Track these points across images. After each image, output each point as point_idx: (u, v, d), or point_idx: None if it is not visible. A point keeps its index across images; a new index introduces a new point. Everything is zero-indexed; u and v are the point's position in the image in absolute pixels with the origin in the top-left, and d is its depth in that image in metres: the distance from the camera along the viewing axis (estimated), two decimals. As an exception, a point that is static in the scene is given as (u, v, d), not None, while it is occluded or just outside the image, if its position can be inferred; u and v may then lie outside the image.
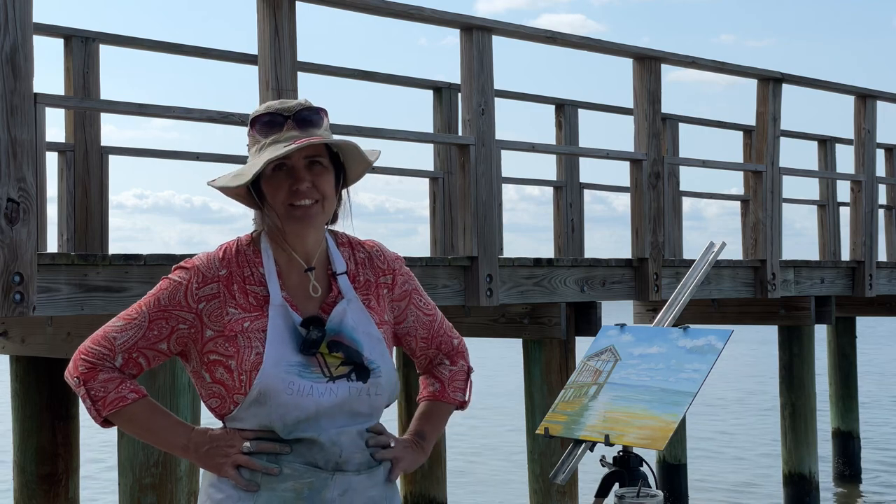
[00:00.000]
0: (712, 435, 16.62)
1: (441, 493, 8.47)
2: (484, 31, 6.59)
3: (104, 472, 12.81)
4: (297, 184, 2.44)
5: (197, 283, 2.46)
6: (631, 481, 2.90)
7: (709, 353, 2.98)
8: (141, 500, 5.06)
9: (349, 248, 2.60)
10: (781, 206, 8.84)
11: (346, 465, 2.44)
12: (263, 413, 2.41)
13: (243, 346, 2.42)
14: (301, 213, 2.45)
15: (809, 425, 9.56)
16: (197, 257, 2.51)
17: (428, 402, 2.70)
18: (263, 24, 5.63)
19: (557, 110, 9.85)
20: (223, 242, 2.56)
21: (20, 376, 6.35)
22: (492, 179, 6.66)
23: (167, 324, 2.46)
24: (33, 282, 4.55)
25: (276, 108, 2.48)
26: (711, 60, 8.35)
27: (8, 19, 4.50)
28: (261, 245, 2.52)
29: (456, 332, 2.75)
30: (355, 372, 2.45)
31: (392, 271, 2.62)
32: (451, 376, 2.71)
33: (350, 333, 2.47)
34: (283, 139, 2.44)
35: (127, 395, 2.45)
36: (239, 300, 2.46)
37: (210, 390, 2.46)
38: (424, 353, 2.70)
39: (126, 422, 2.47)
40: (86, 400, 2.45)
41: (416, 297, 2.65)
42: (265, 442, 2.43)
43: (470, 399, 2.75)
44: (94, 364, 2.46)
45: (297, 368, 2.42)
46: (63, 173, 6.92)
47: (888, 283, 10.33)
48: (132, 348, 2.46)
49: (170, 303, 2.46)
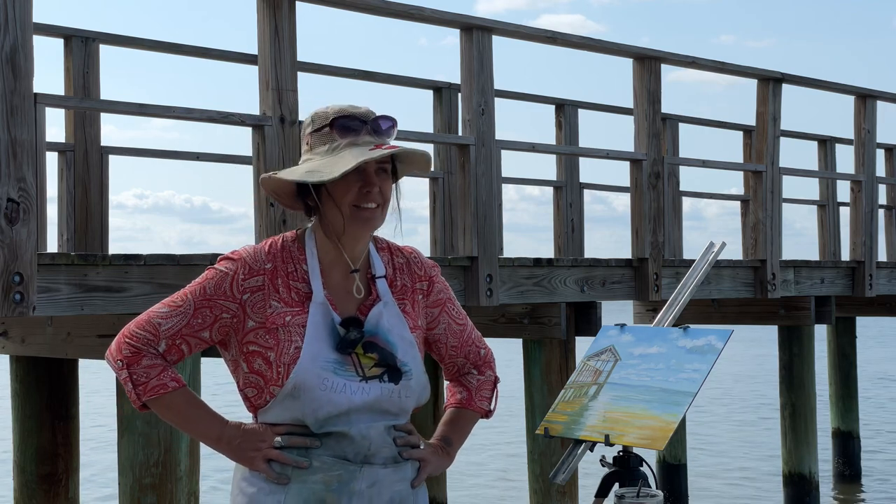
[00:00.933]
0: (712, 435, 16.62)
1: (441, 493, 8.47)
2: (484, 31, 6.59)
3: (104, 472, 12.81)
4: (369, 187, 2.53)
5: (243, 275, 2.53)
6: (631, 481, 2.90)
7: (709, 353, 2.98)
8: (141, 500, 5.06)
9: (388, 252, 2.69)
10: (781, 206, 8.84)
11: (374, 458, 2.53)
12: (296, 407, 2.49)
13: (283, 339, 2.49)
14: (367, 216, 2.54)
15: (809, 425, 9.56)
16: (243, 249, 2.58)
17: (455, 410, 2.79)
18: (263, 24, 5.63)
19: (557, 110, 9.85)
20: (269, 238, 2.64)
21: (20, 376, 6.35)
22: (492, 179, 6.66)
23: (211, 312, 2.52)
24: (33, 282, 4.55)
25: (353, 112, 2.56)
26: (711, 60, 8.35)
27: (8, 19, 4.50)
28: (305, 243, 2.59)
29: (484, 343, 2.83)
30: (388, 373, 2.54)
31: (428, 278, 2.71)
32: (478, 385, 2.79)
33: (385, 335, 2.56)
34: (360, 143, 2.53)
35: (168, 383, 2.51)
36: (282, 294, 2.53)
37: (248, 380, 2.53)
38: (453, 361, 2.79)
39: (163, 408, 2.53)
40: (127, 383, 2.51)
41: (450, 306, 2.75)
42: (295, 437, 2.51)
43: (495, 408, 2.83)
44: (138, 349, 2.51)
45: (332, 365, 2.50)
46: (63, 173, 6.92)
47: (888, 283, 10.32)
48: (176, 335, 2.52)
49: (215, 292, 2.52)
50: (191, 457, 5.14)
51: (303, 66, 7.06)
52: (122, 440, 5.13)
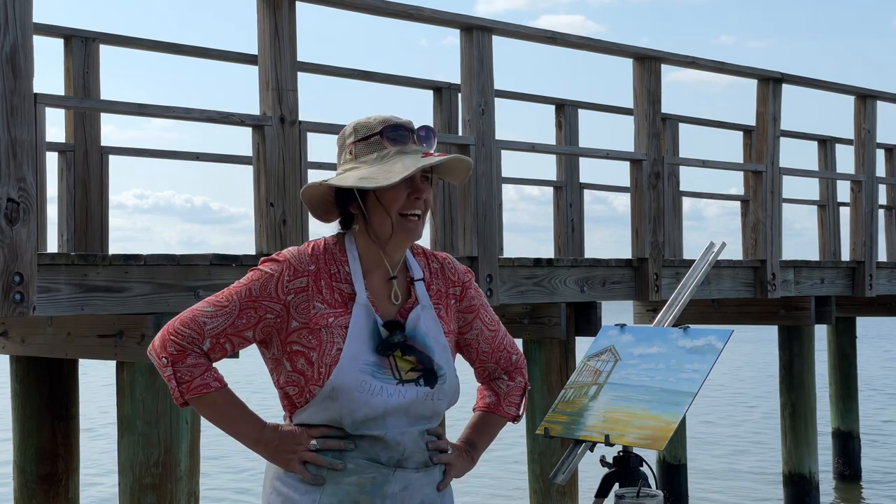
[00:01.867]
0: (712, 435, 16.62)
1: (441, 493, 8.47)
2: (484, 31, 6.59)
3: (104, 472, 12.81)
4: (418, 194, 2.59)
5: (288, 276, 2.57)
6: (631, 481, 2.90)
7: (709, 353, 2.98)
8: (141, 500, 5.06)
9: (424, 257, 2.76)
10: (781, 206, 8.84)
11: (406, 462, 2.59)
12: (334, 408, 2.53)
13: (325, 339, 2.54)
14: (413, 225, 2.60)
15: (809, 425, 9.56)
16: (287, 251, 2.62)
17: (482, 413, 2.85)
18: (263, 24, 5.63)
19: (557, 110, 9.85)
20: (311, 240, 2.69)
21: (20, 376, 6.35)
22: (492, 179, 6.66)
23: (256, 313, 2.56)
24: (33, 282, 4.55)
25: (400, 122, 2.62)
26: (711, 60, 8.35)
27: (8, 19, 4.50)
28: (346, 246, 2.64)
29: (516, 348, 2.87)
30: (424, 377, 2.59)
31: (462, 283, 2.76)
32: (508, 391, 2.84)
33: (423, 339, 2.62)
34: (410, 151, 2.60)
35: (211, 383, 2.55)
36: (325, 295, 2.58)
37: (289, 378, 2.58)
38: (483, 366, 2.84)
39: (205, 407, 2.58)
40: (171, 381, 2.54)
41: (483, 312, 2.79)
42: (331, 439, 2.55)
43: (523, 414, 2.88)
44: (183, 346, 2.54)
45: (371, 368, 2.55)
46: (63, 173, 6.92)
47: (888, 283, 10.33)
48: (220, 334, 2.56)
49: (261, 293, 2.56)
50: (191, 457, 5.14)
51: (303, 66, 7.06)
52: (122, 440, 5.13)
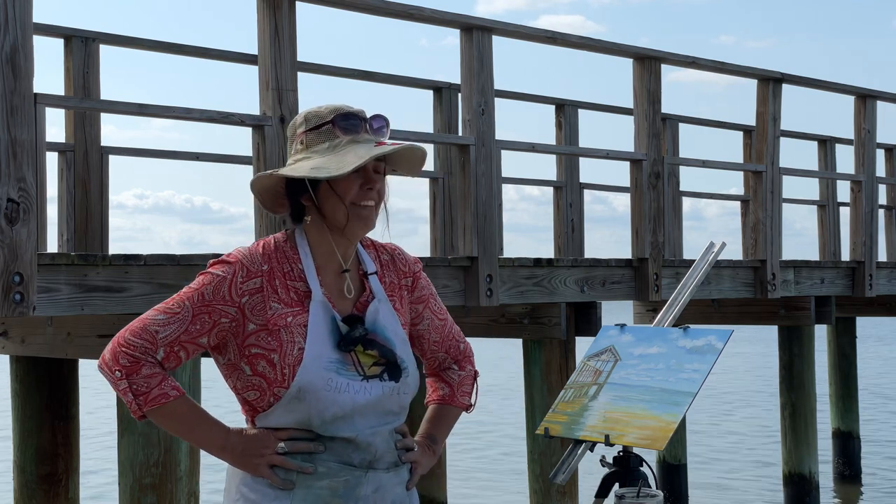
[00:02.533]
0: (712, 435, 16.62)
1: (441, 494, 8.47)
2: (484, 31, 6.59)
3: (104, 473, 12.81)
4: (371, 184, 2.53)
5: (241, 278, 2.50)
6: (631, 481, 2.90)
7: (709, 353, 2.98)
8: (141, 500, 5.06)
9: (374, 249, 2.70)
10: (781, 206, 8.84)
11: (378, 463, 2.53)
12: (302, 409, 2.47)
13: (286, 340, 2.48)
14: (367, 214, 2.54)
15: (809, 425, 9.56)
16: (237, 251, 2.55)
17: (438, 406, 2.79)
18: (263, 24, 5.63)
19: (557, 110, 9.84)
20: (260, 239, 2.61)
21: (20, 376, 6.35)
22: (492, 179, 6.66)
23: (210, 318, 2.49)
24: (33, 282, 4.55)
25: (352, 111, 2.56)
26: (711, 60, 8.35)
27: (8, 19, 4.50)
28: (297, 243, 2.58)
29: (463, 337, 2.83)
30: (388, 371, 2.54)
31: (413, 274, 2.71)
32: (459, 381, 2.80)
33: (383, 332, 2.56)
34: (362, 140, 2.54)
35: (169, 393, 2.48)
36: (281, 295, 2.51)
37: (249, 383, 2.51)
38: (434, 356, 2.79)
39: (165, 417, 2.50)
40: (127, 394, 2.46)
41: (433, 302, 2.75)
42: (300, 442, 2.49)
43: (476, 402, 2.83)
44: (136, 357, 2.46)
45: (335, 365, 2.49)
46: (63, 173, 6.91)
47: (888, 283, 10.32)
48: (174, 342, 2.48)
49: (214, 297, 2.49)
50: (191, 457, 5.14)
51: (303, 66, 7.06)
52: (122, 440, 5.13)
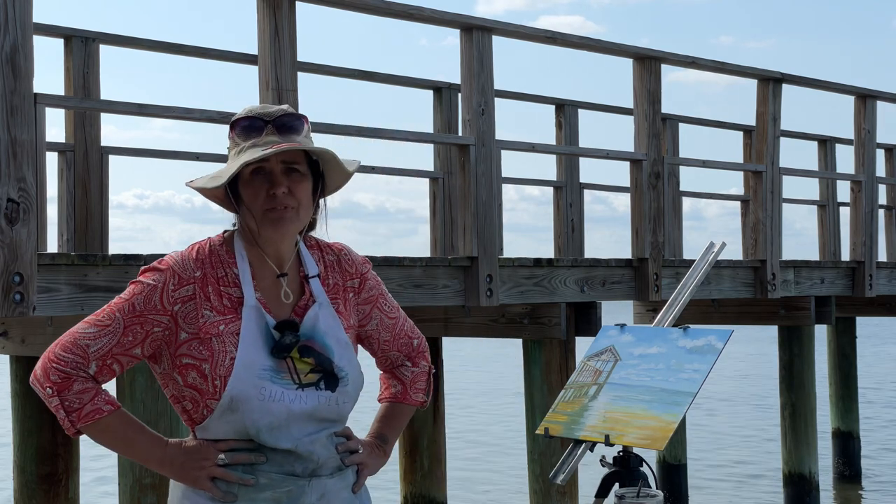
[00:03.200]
0: (712, 435, 16.62)
1: (441, 494, 8.47)
2: (484, 31, 6.59)
3: (104, 473, 12.81)
4: (274, 188, 2.43)
5: (173, 286, 2.43)
6: (631, 481, 2.90)
7: (709, 353, 2.98)
8: (141, 500, 5.06)
9: (318, 250, 2.60)
10: (781, 206, 8.84)
11: (321, 470, 2.47)
12: (236, 419, 2.41)
13: (217, 350, 2.41)
14: (276, 217, 2.44)
15: (809, 425, 9.56)
16: (169, 257, 2.47)
17: (389, 404, 2.72)
18: (263, 24, 5.63)
19: (557, 110, 9.84)
20: (194, 242, 2.53)
21: (20, 376, 6.35)
22: (492, 179, 6.66)
23: (142, 328, 2.42)
24: (33, 282, 4.55)
25: (256, 113, 2.47)
26: (711, 60, 8.35)
27: (8, 19, 4.50)
28: (234, 246, 2.50)
29: (417, 332, 2.75)
30: (324, 380, 2.46)
31: (360, 275, 2.62)
32: (413, 378, 2.73)
33: (321, 339, 2.48)
34: (262, 143, 2.43)
35: (102, 408, 2.40)
36: (213, 302, 2.44)
37: (182, 393, 2.45)
38: (385, 355, 2.72)
39: (100, 433, 2.43)
40: (59, 411, 2.39)
41: (382, 302, 2.66)
42: (240, 453, 2.43)
43: (429, 398, 2.77)
44: (67, 373, 2.39)
45: (268, 373, 2.41)
46: (63, 173, 6.91)
47: (888, 283, 10.33)
48: (106, 355, 2.41)
49: (145, 307, 2.41)
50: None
51: (303, 66, 7.06)
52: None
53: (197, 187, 2.49)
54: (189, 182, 2.51)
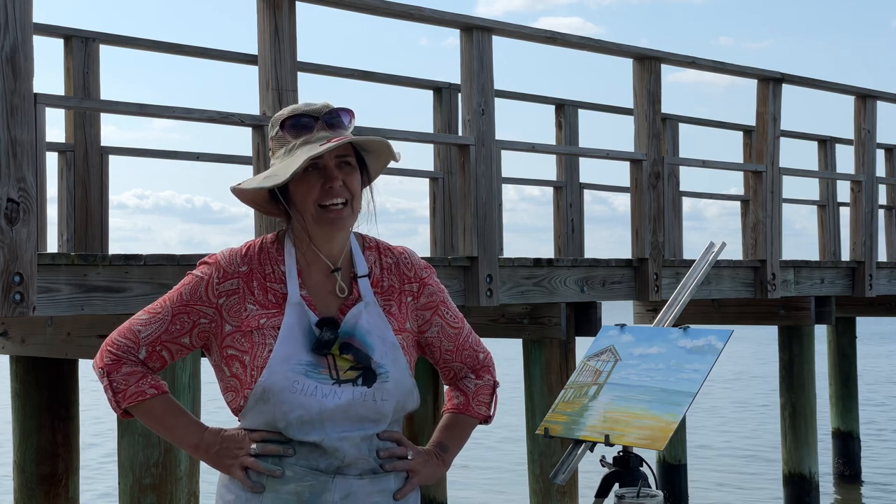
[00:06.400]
0: (712, 435, 16.62)
1: (441, 494, 8.47)
2: (484, 31, 6.59)
3: (104, 473, 12.81)
4: (331, 182, 2.47)
5: (218, 279, 2.51)
6: (631, 481, 2.90)
7: (709, 353, 2.98)
8: (141, 500, 5.06)
9: (376, 252, 2.62)
10: (781, 206, 8.84)
11: (347, 469, 2.46)
12: (268, 410, 2.44)
13: (258, 342, 2.46)
14: (334, 215, 2.49)
15: (809, 425, 9.55)
16: (220, 252, 2.55)
17: (451, 415, 2.71)
18: (263, 24, 5.63)
19: (557, 110, 9.85)
20: (249, 240, 2.60)
21: (20, 376, 6.35)
22: (492, 179, 6.66)
23: (189, 318, 2.50)
24: (33, 282, 4.55)
25: (304, 110, 2.51)
26: (711, 61, 8.35)
27: (8, 19, 4.50)
28: (284, 244, 2.56)
29: (483, 347, 2.75)
30: (363, 376, 2.47)
31: (419, 279, 2.64)
32: (476, 390, 2.71)
33: (362, 336, 2.49)
34: (315, 139, 2.48)
35: (146, 390, 2.50)
36: (258, 297, 2.50)
37: (228, 384, 2.51)
38: (448, 366, 2.70)
39: (143, 415, 2.53)
40: (108, 391, 2.51)
41: (443, 309, 2.67)
42: (270, 444, 2.46)
43: (494, 413, 2.75)
44: (118, 357, 2.51)
45: (304, 367, 2.45)
46: (63, 173, 6.92)
47: (888, 284, 10.33)
48: (156, 342, 2.51)
49: (191, 297, 2.51)
50: (191, 457, 5.14)
51: (303, 66, 7.06)
52: (122, 440, 5.13)
53: (249, 188, 2.52)
54: (235, 185, 2.55)
